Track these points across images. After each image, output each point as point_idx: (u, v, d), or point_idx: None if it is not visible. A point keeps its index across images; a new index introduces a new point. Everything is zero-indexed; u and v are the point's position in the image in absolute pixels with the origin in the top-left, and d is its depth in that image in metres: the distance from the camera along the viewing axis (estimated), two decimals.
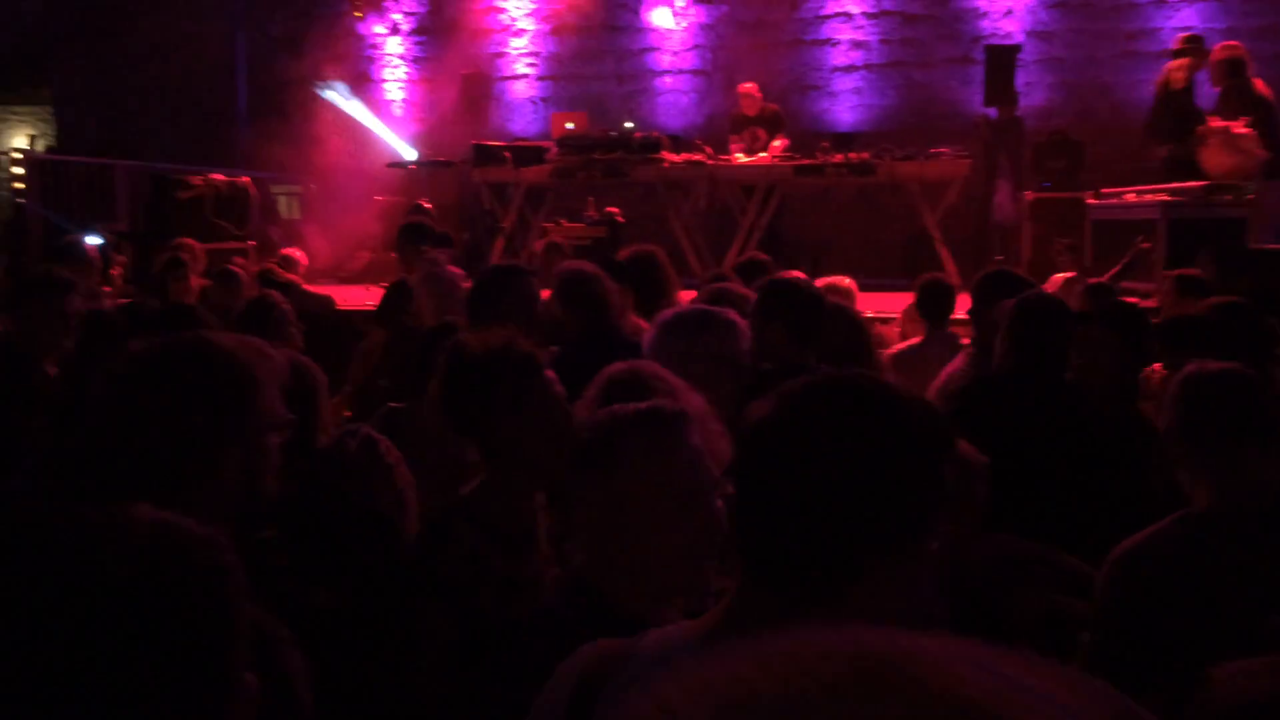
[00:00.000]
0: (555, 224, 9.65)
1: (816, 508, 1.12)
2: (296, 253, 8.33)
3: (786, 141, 9.81)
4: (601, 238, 9.09)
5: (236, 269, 5.91)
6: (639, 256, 4.69)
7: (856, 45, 11.76)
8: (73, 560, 0.89)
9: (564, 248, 6.35)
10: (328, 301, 7.11)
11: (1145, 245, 6.71)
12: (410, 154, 11.65)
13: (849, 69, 11.80)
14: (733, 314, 2.92)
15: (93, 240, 8.45)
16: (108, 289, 7.06)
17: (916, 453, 1.15)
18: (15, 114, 15.74)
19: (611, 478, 1.58)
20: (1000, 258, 8.68)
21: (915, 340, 5.02)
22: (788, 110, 11.10)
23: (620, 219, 9.62)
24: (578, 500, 1.66)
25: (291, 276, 7.21)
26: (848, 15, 11.75)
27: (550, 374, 2.28)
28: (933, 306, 4.96)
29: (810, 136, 10.50)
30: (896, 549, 1.14)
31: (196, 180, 9.81)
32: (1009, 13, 11.45)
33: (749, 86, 10.27)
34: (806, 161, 9.46)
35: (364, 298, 8.80)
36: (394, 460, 2.25)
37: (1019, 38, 11.12)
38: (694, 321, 2.85)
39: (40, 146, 13.97)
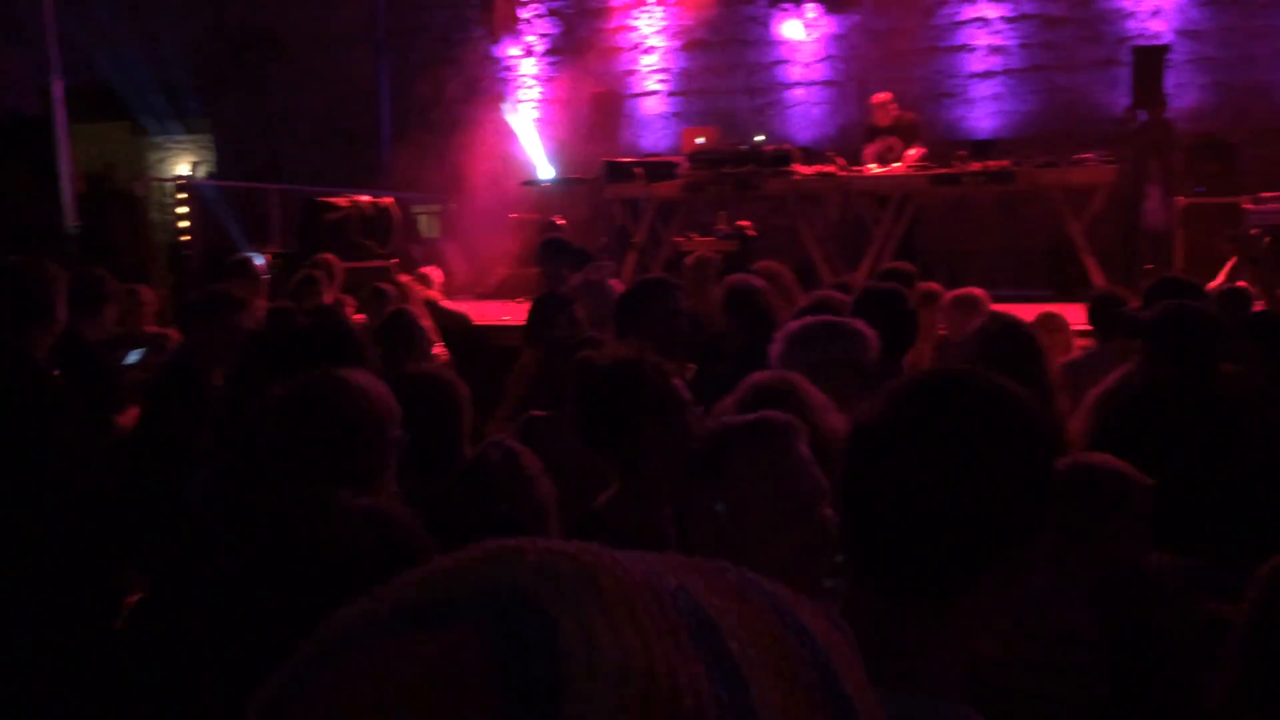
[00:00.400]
0: (686, 238, 9.69)
1: (924, 512, 1.08)
2: (433, 270, 8.59)
3: (923, 150, 9.64)
4: (732, 251, 9.10)
5: (388, 286, 6.11)
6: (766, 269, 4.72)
7: (994, 50, 11.48)
8: (304, 534, 0.99)
9: (713, 262, 6.32)
10: (463, 318, 7.33)
11: (1252, 232, 6.38)
12: (550, 172, 11.91)
13: (986, 75, 11.53)
14: (859, 323, 2.89)
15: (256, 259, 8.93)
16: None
17: (1026, 451, 1.10)
18: (179, 143, 16.71)
19: (722, 488, 1.59)
20: (1150, 266, 8.34)
21: (1080, 351, 4.92)
22: (922, 119, 10.91)
23: (751, 232, 9.61)
24: (691, 510, 1.67)
25: (430, 293, 7.45)
26: (984, 20, 11.49)
27: (679, 384, 2.31)
28: (1105, 316, 4.83)
29: (946, 145, 10.28)
30: (1007, 552, 1.09)
31: (343, 202, 10.23)
32: (1157, 12, 11.00)
33: (882, 96, 10.11)
34: (942, 171, 9.27)
35: (500, 312, 9.03)
36: (535, 472, 2.32)
37: (1168, 37, 10.68)
38: (820, 331, 2.84)
39: (201, 173, 14.78)
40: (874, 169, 9.60)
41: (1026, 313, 6.56)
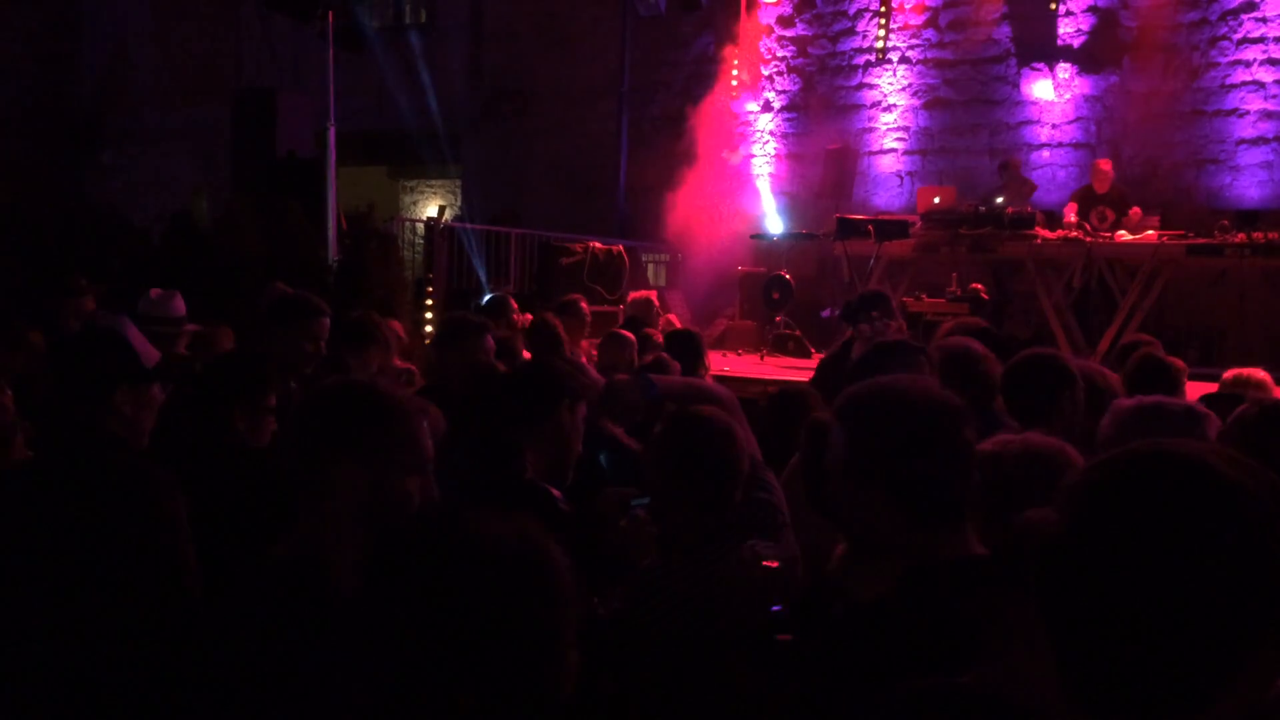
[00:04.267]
0: (916, 298, 9.47)
1: (1127, 630, 0.93)
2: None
3: (1140, 214, 9.30)
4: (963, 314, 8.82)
5: (624, 332, 6.19)
6: None
7: (1268, 116, 10.65)
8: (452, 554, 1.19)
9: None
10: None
11: None
12: (779, 227, 11.96)
13: (1256, 141, 10.72)
14: (1196, 404, 2.75)
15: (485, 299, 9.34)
16: None
17: (1254, 537, 0.92)
18: (431, 186, 17.82)
19: None
20: None
21: None
22: (1179, 185, 10.29)
23: (985, 295, 9.29)
24: None
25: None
26: (1259, 84, 10.70)
27: None
28: None
29: (1206, 214, 9.65)
30: (1246, 658, 0.92)
31: (577, 247, 10.59)
32: None
33: (1106, 164, 9.83)
34: (1202, 241, 8.68)
35: (722, 364, 9.05)
36: None
37: None
38: (1153, 414, 2.68)
39: (448, 215, 15.67)
40: (1126, 236, 9.09)
41: None
